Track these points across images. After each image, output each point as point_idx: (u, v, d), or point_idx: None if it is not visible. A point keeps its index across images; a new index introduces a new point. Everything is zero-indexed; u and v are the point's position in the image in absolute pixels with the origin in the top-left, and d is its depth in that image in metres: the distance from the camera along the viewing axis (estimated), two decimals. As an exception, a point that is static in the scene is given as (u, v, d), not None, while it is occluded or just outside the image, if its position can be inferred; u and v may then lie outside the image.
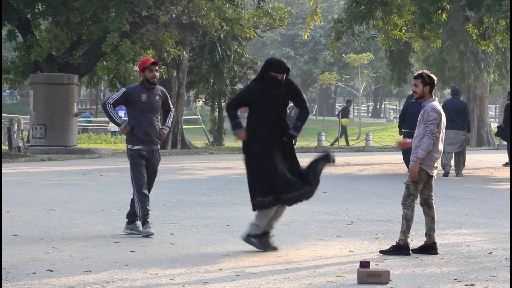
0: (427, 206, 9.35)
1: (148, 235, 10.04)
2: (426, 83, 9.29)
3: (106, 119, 45.88)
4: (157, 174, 10.60)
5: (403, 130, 19.47)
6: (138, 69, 10.69)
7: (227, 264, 8.42)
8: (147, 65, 10.27)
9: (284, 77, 9.13)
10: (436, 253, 9.11)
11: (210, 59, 34.10)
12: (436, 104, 9.30)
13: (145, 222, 10.19)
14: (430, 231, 9.26)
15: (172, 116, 10.71)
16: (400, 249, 9.06)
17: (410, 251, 9.08)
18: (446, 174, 20.00)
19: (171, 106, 10.72)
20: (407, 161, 19.77)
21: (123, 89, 10.49)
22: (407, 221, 9.14)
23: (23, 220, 11.27)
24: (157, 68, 10.42)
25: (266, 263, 8.45)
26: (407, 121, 18.91)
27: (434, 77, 9.40)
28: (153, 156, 10.42)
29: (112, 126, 44.15)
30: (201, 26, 30.41)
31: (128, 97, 10.30)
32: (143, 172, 10.31)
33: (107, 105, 10.36)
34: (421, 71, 9.54)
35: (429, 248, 9.18)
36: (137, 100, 10.28)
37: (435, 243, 9.24)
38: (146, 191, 10.29)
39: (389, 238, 10.08)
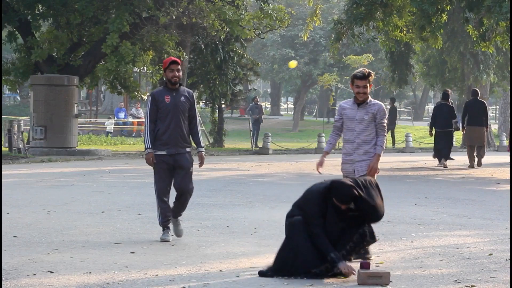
0: None
1: (164, 241, 9.93)
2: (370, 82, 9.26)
3: (104, 120, 45.90)
4: (192, 175, 10.12)
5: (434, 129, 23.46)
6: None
7: (227, 265, 8.42)
8: (167, 65, 9.89)
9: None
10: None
11: (213, 61, 34.10)
12: None
13: (164, 228, 10.07)
14: None
15: (199, 128, 10.27)
16: None
17: None
18: (472, 166, 23.51)
19: (197, 112, 10.26)
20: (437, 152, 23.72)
21: (150, 96, 10.08)
22: None
23: (23, 222, 11.26)
24: (178, 67, 9.94)
25: (266, 265, 8.44)
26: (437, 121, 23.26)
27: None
28: (180, 157, 9.99)
29: (108, 127, 44.12)
30: (201, 28, 30.42)
31: (156, 101, 9.92)
32: (164, 177, 9.98)
33: (146, 126, 9.97)
34: (363, 69, 9.20)
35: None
36: (161, 102, 9.91)
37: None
38: (166, 198, 10.04)
39: (389, 239, 10.08)
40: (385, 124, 9.28)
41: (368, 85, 9.14)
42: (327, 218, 7.87)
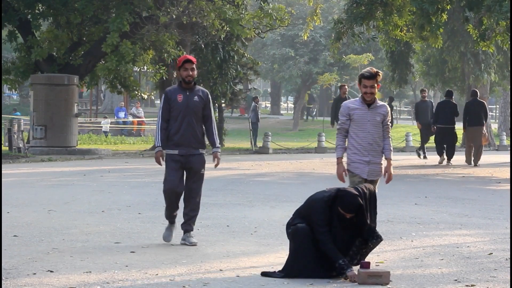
0: None
1: (165, 240, 9.83)
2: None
3: (102, 120, 45.92)
4: (202, 178, 9.81)
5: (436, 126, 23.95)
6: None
7: (227, 264, 8.42)
8: (181, 64, 9.63)
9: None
10: None
11: (213, 60, 34.10)
12: None
13: (169, 222, 9.92)
14: None
15: (215, 128, 9.90)
16: None
17: None
18: (469, 162, 24.05)
19: (212, 111, 9.84)
20: (439, 151, 24.19)
21: (164, 94, 9.86)
22: None
23: (23, 221, 11.26)
24: (193, 66, 9.60)
25: (266, 264, 8.45)
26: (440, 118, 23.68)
27: None
28: (192, 158, 9.68)
29: (104, 126, 44.13)
30: (201, 27, 30.42)
31: (169, 100, 9.69)
32: (174, 175, 9.66)
33: (158, 124, 9.73)
34: (370, 69, 9.04)
35: None
36: (174, 101, 9.66)
37: None
38: (174, 201, 9.74)
39: (389, 239, 10.07)
40: (390, 126, 9.25)
41: (375, 84, 9.02)
42: (331, 226, 7.85)
